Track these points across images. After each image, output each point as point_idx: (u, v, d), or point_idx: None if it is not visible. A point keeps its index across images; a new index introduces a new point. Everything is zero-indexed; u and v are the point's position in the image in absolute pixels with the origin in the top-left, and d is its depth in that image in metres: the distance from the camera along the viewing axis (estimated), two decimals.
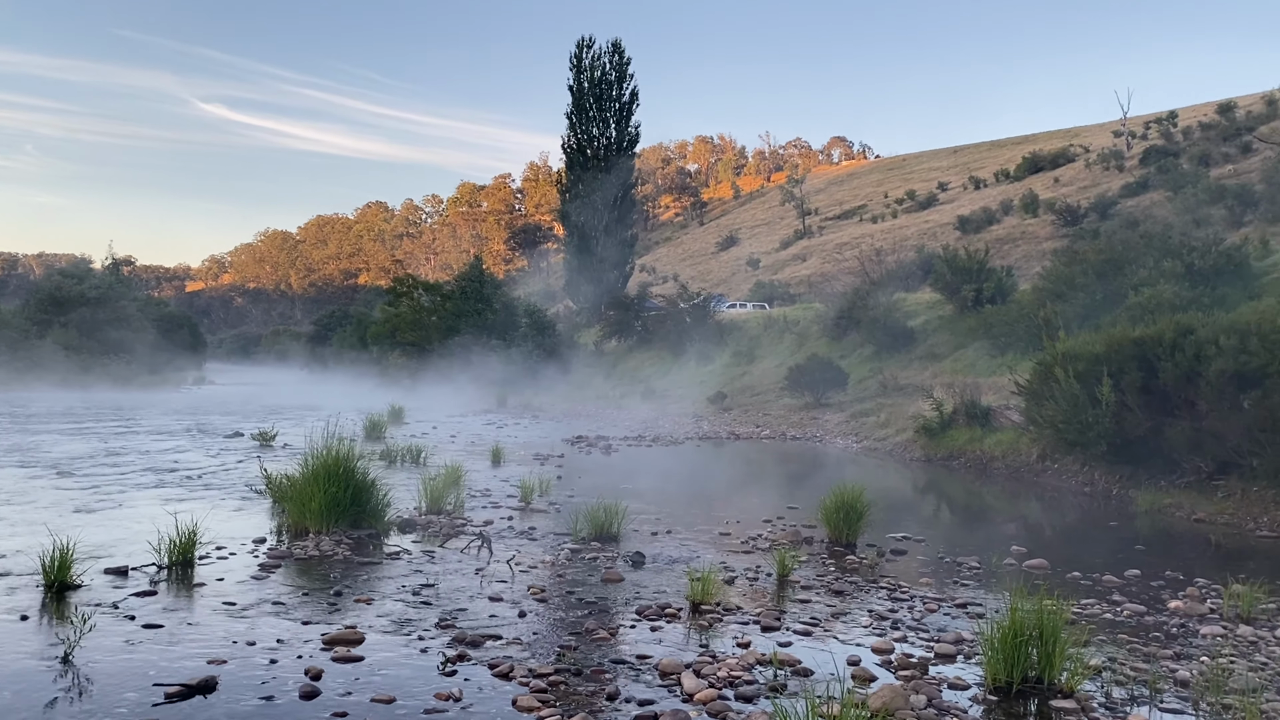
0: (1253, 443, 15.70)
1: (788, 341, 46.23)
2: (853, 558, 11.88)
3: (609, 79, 70.42)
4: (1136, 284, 27.72)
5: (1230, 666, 7.46)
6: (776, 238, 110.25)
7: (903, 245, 69.22)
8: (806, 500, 16.02)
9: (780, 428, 32.37)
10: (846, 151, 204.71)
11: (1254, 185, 53.08)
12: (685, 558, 11.51)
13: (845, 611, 9.21)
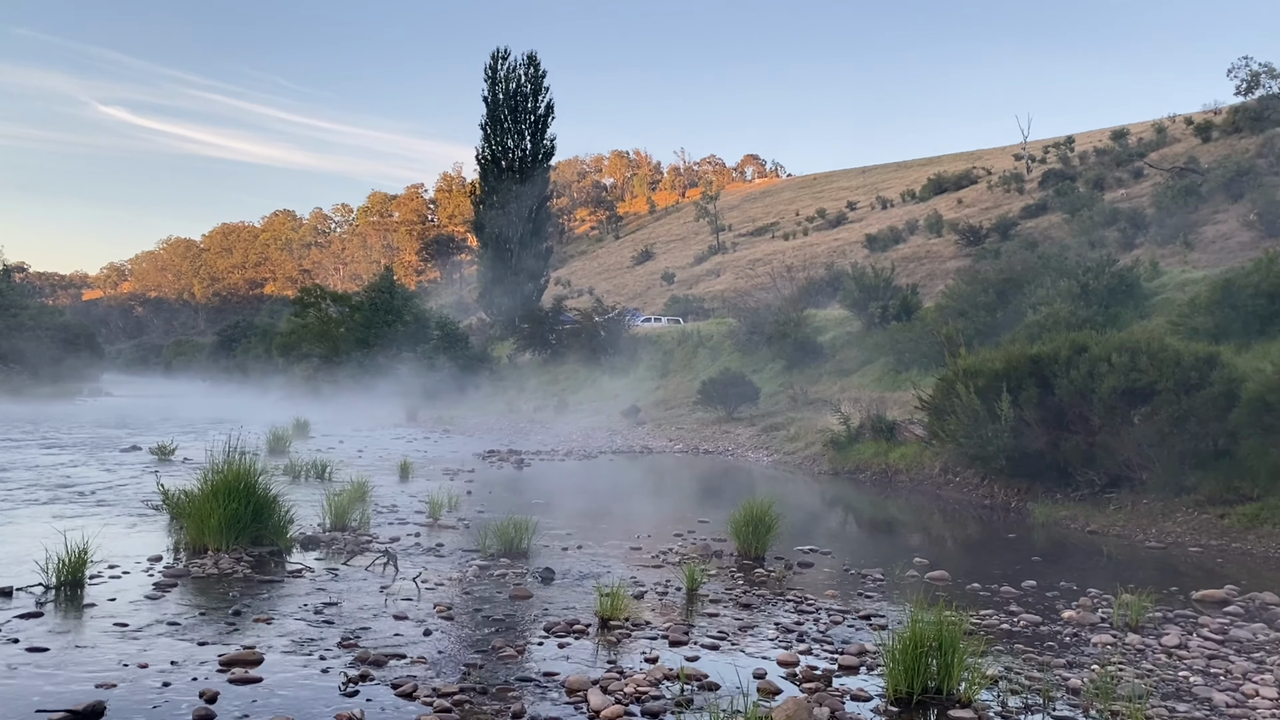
0: (1142, 457, 16.36)
1: (702, 356, 46.61)
2: (761, 571, 12.00)
3: (524, 91, 70.26)
4: (1035, 303, 28.70)
5: (1119, 674, 7.73)
6: (691, 253, 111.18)
7: (813, 262, 70.45)
8: (717, 514, 16.13)
9: (694, 441, 32.58)
10: (760, 169, 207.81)
11: (1145, 209, 55.47)
12: (595, 573, 11.48)
13: (753, 625, 9.29)
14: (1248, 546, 14.11)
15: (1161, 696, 7.27)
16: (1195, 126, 72.96)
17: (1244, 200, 49.70)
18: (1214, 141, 67.23)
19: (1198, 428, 15.74)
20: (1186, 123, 77.54)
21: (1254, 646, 8.84)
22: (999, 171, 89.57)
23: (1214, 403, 15.66)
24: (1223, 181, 53.32)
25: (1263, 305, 22.92)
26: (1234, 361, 17.52)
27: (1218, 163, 57.77)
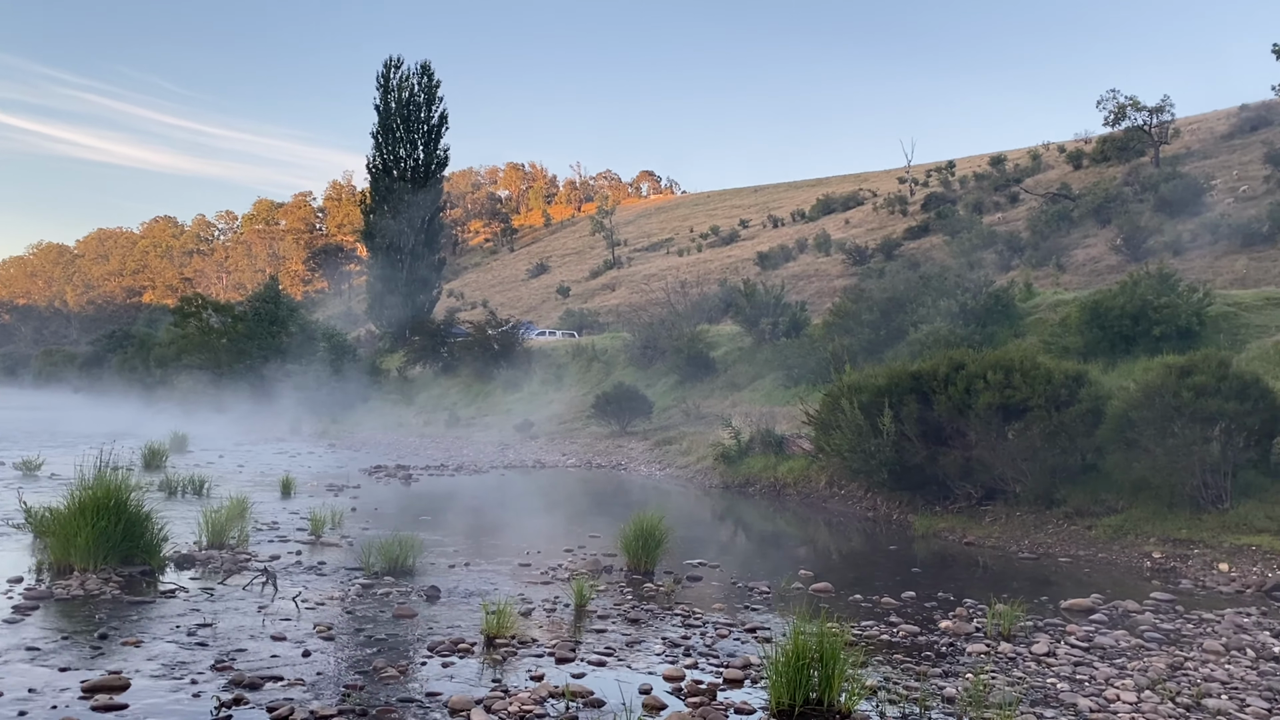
0: (1015, 470, 17.01)
1: (595, 370, 46.62)
2: (650, 585, 12.04)
3: (418, 100, 69.41)
4: (916, 321, 29.62)
5: (991, 682, 8.01)
6: (586, 267, 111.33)
7: (707, 278, 71.33)
8: (608, 529, 16.12)
9: (587, 455, 32.53)
10: (655, 186, 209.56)
11: (1020, 232, 57.92)
12: (483, 590, 11.34)
13: (640, 640, 9.31)
14: (1112, 556, 14.80)
15: (1031, 703, 7.56)
16: (1068, 154, 76.58)
17: (1111, 226, 52.36)
18: (1084, 169, 70.67)
19: (1067, 443, 16.46)
20: (1060, 151, 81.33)
21: (1116, 653, 9.26)
22: (884, 194, 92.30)
23: (1082, 419, 16.40)
24: (1092, 207, 56.08)
25: (1127, 326, 24.18)
26: (1101, 379, 18.42)
27: (1088, 189, 60.74)
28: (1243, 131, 65.46)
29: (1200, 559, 13.92)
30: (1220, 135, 67.33)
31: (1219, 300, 26.37)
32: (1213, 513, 14.81)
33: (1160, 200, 52.22)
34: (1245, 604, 11.74)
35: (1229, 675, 8.50)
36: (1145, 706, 7.52)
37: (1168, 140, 65.74)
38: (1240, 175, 55.29)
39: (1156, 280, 25.60)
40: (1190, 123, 73.64)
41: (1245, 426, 14.77)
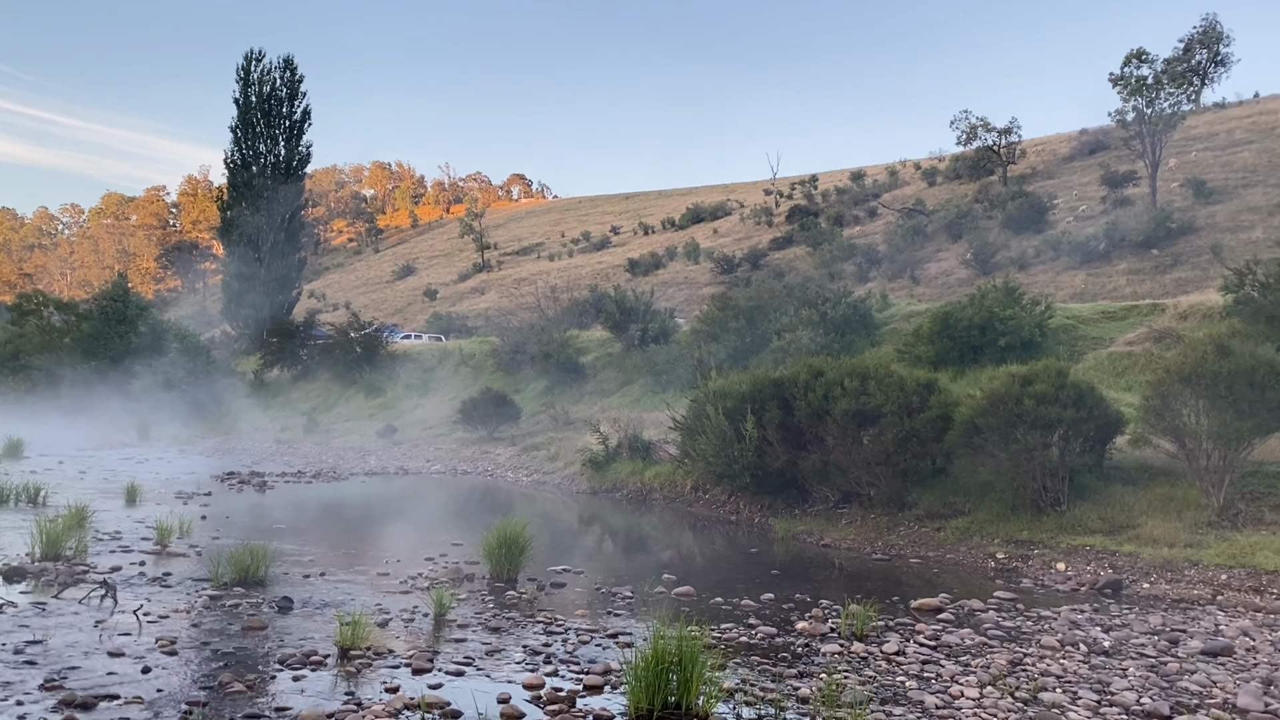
0: (870, 474, 17.59)
1: (463, 374, 45.99)
2: (513, 593, 11.92)
3: (279, 95, 67.17)
4: (780, 329, 30.32)
5: (844, 682, 8.23)
6: (455, 270, 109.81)
7: (577, 284, 71.35)
8: (472, 536, 15.91)
9: (452, 462, 32.05)
10: (526, 189, 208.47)
11: (878, 245, 60.03)
12: (338, 600, 11.02)
13: (500, 648, 9.20)
14: (959, 557, 15.44)
15: (881, 701, 7.80)
16: (923, 172, 79.82)
17: (962, 241, 54.79)
18: (938, 186, 73.76)
19: (918, 448, 17.11)
20: (916, 168, 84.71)
21: (962, 650, 9.65)
22: (751, 205, 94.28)
23: (932, 425, 17.08)
24: (945, 223, 58.58)
25: (975, 336, 25.32)
26: (950, 387, 19.21)
27: (941, 206, 63.44)
28: (1082, 154, 69.53)
29: (1040, 559, 14.66)
30: (1062, 157, 71.34)
31: (1059, 313, 27.90)
32: (1052, 515, 15.63)
33: (1008, 217, 54.93)
34: (1080, 601, 12.41)
35: (1063, 669, 8.97)
36: (987, 702, 7.86)
37: (1015, 160, 69.25)
38: (1080, 196, 58.71)
39: (1002, 293, 26.90)
40: (1035, 144, 77.76)
41: (1081, 433, 15.66)
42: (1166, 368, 15.44)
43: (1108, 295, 39.67)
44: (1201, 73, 70.61)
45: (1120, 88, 49.74)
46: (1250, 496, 14.87)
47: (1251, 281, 22.15)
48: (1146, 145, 50.27)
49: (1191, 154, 57.85)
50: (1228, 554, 13.39)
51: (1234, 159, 55.27)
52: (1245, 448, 14.60)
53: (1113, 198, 54.35)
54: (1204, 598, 12.50)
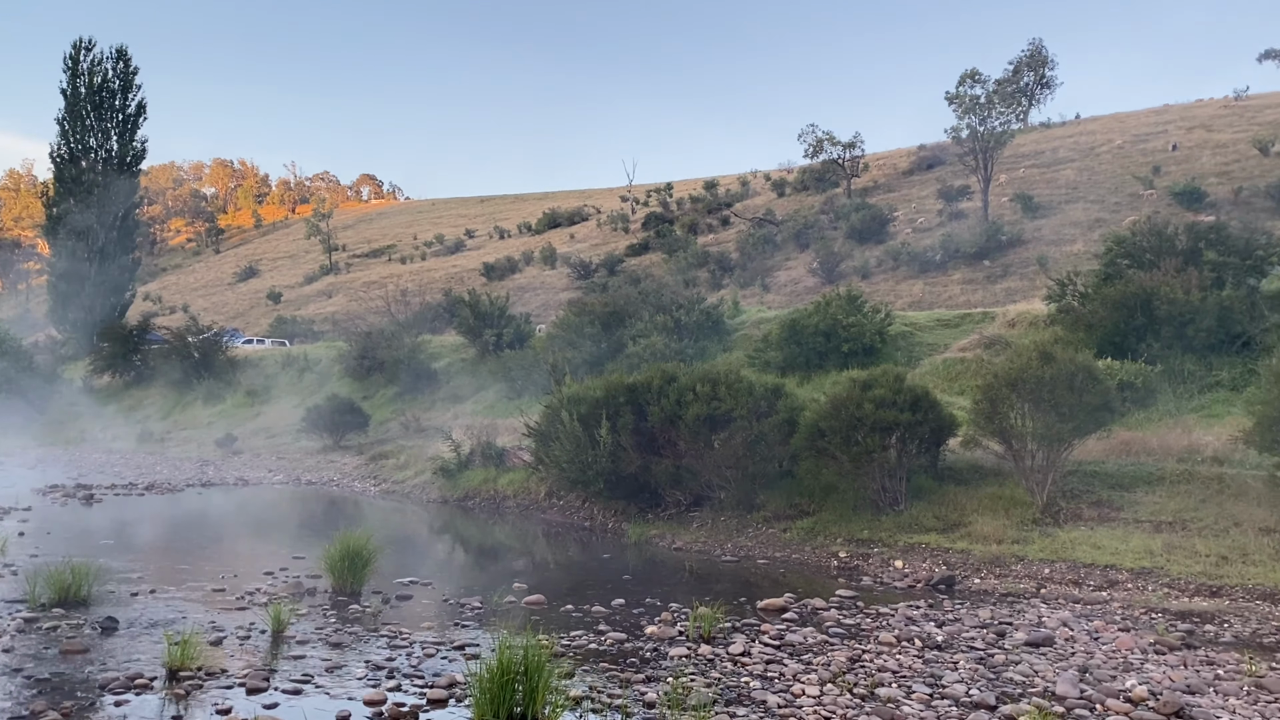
0: (721, 478, 17.89)
1: (308, 381, 44.50)
2: (356, 607, 11.56)
3: (111, 87, 63.48)
4: (635, 335, 30.54)
5: (690, 684, 8.31)
6: (301, 272, 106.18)
7: (430, 287, 70.08)
8: (315, 549, 15.36)
9: (296, 471, 30.94)
10: (376, 190, 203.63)
11: (731, 253, 61.26)
12: (168, 619, 10.44)
13: (342, 664, 8.90)
14: (805, 557, 15.87)
15: (726, 703, 7.90)
16: (773, 183, 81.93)
17: (809, 250, 56.51)
18: (787, 197, 75.85)
19: (767, 451, 17.51)
20: (766, 179, 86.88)
21: (804, 649, 9.90)
22: (608, 211, 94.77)
23: (779, 429, 17.51)
24: (793, 233, 60.31)
25: (820, 342, 26.13)
26: (796, 392, 19.77)
27: (790, 216, 65.28)
28: (921, 169, 72.78)
29: (879, 557, 15.21)
30: (902, 171, 74.50)
31: (898, 321, 29.09)
32: (890, 514, 16.25)
33: (851, 228, 56.97)
34: (916, 597, 12.93)
35: (899, 665, 9.31)
36: (826, 699, 8.08)
37: (858, 174, 71.90)
38: (918, 208, 61.43)
39: (846, 302, 27.85)
40: (877, 159, 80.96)
41: (918, 435, 16.35)
42: (995, 373, 16.27)
43: (944, 304, 41.62)
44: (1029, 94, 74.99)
45: (955, 106, 52.31)
46: (1070, 494, 15.81)
47: (1072, 291, 23.60)
48: (979, 161, 52.99)
49: (1020, 170, 61.33)
50: (1050, 549, 14.20)
51: (1058, 176, 58.89)
52: (1066, 448, 15.52)
53: (948, 211, 57.06)
54: (1029, 591, 13.21)
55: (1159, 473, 15.89)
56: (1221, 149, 56.10)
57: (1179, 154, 57.10)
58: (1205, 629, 11.18)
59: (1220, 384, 19.70)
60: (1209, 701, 8.39)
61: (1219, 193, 47.64)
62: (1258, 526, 13.64)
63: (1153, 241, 23.58)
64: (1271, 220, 36.89)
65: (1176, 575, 12.90)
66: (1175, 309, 20.33)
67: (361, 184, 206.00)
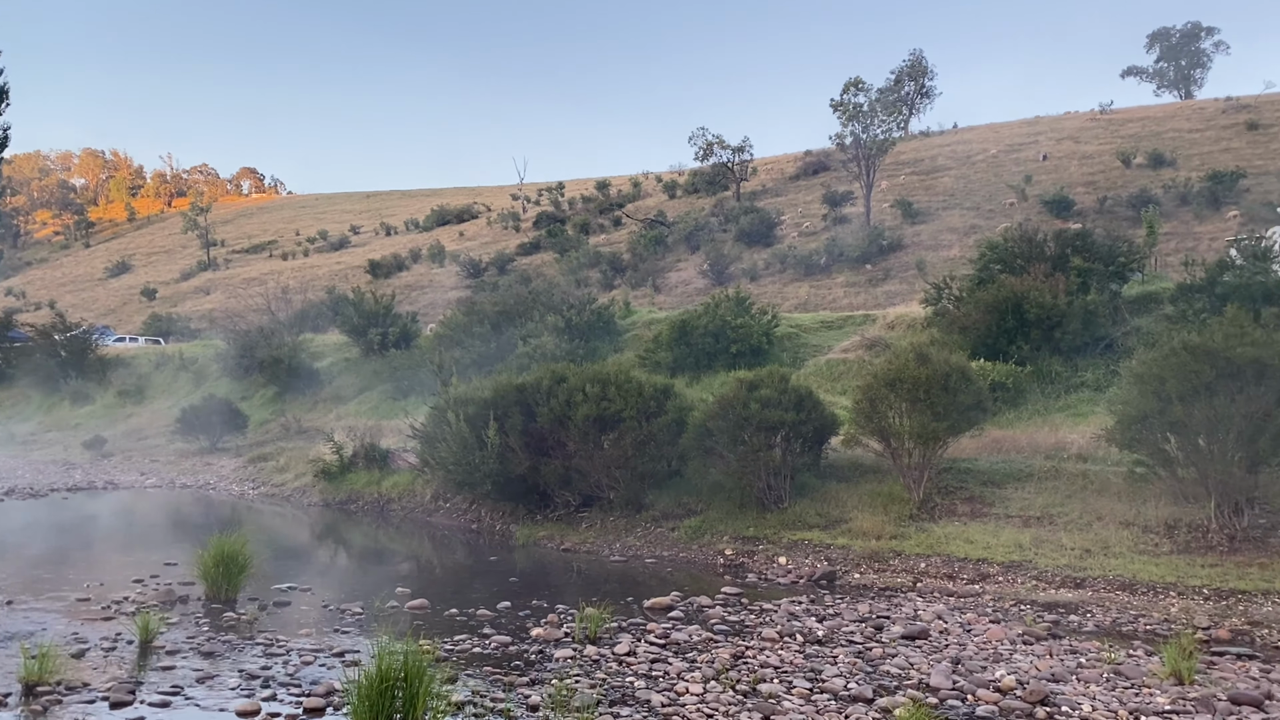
0: (610, 478, 17.91)
1: (184, 381, 42.84)
2: (232, 614, 11.18)
3: None
4: (525, 335, 30.34)
5: (575, 686, 8.29)
6: (177, 268, 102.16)
7: (314, 285, 68.27)
8: (188, 555, 14.79)
9: (170, 475, 29.75)
10: (257, 184, 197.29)
11: (623, 254, 61.43)
12: (26, 631, 9.90)
13: (214, 675, 8.59)
14: (692, 555, 16.02)
15: (610, 703, 7.91)
16: (664, 184, 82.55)
17: (700, 252, 57.10)
18: (678, 199, 76.52)
19: (655, 451, 17.63)
20: (658, 180, 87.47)
21: (689, 647, 9.99)
22: (499, 209, 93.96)
23: (668, 429, 17.65)
24: (684, 234, 60.83)
25: (710, 343, 26.43)
26: (686, 392, 19.94)
27: (681, 218, 65.84)
28: (806, 174, 74.30)
29: (764, 554, 15.46)
30: (789, 176, 75.94)
31: (785, 322, 29.64)
32: (775, 511, 16.54)
33: (740, 231, 57.79)
34: (799, 593, 13.18)
35: (781, 660, 9.47)
36: (709, 697, 8.17)
37: (747, 178, 73.00)
38: (804, 213, 62.72)
39: (734, 303, 28.23)
40: (766, 163, 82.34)
41: (801, 434, 16.69)
42: (874, 373, 16.75)
43: (828, 306, 42.60)
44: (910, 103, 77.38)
45: (839, 114, 53.57)
46: (945, 491, 16.37)
47: (948, 295, 24.43)
48: (862, 168, 54.40)
49: (901, 177, 63.23)
50: (926, 544, 14.68)
51: (936, 183, 60.92)
52: (941, 446, 16.06)
53: (833, 216, 58.40)
54: (906, 585, 13.62)
55: (1028, 469, 16.58)
56: (1088, 160, 58.91)
57: (1049, 164, 59.71)
58: (1070, 619, 11.71)
59: (1085, 384, 20.66)
60: (1071, 689, 8.78)
61: (1085, 201, 49.99)
62: (1118, 520, 14.37)
63: (1023, 248, 24.59)
64: (1133, 228, 38.88)
65: (1044, 568, 13.48)
66: (1044, 312, 21.24)
67: (242, 177, 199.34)
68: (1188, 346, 13.74)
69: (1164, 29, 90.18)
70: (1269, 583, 12.21)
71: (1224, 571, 12.70)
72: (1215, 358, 13.26)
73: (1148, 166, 53.69)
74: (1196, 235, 42.20)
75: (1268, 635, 10.91)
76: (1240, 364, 13.09)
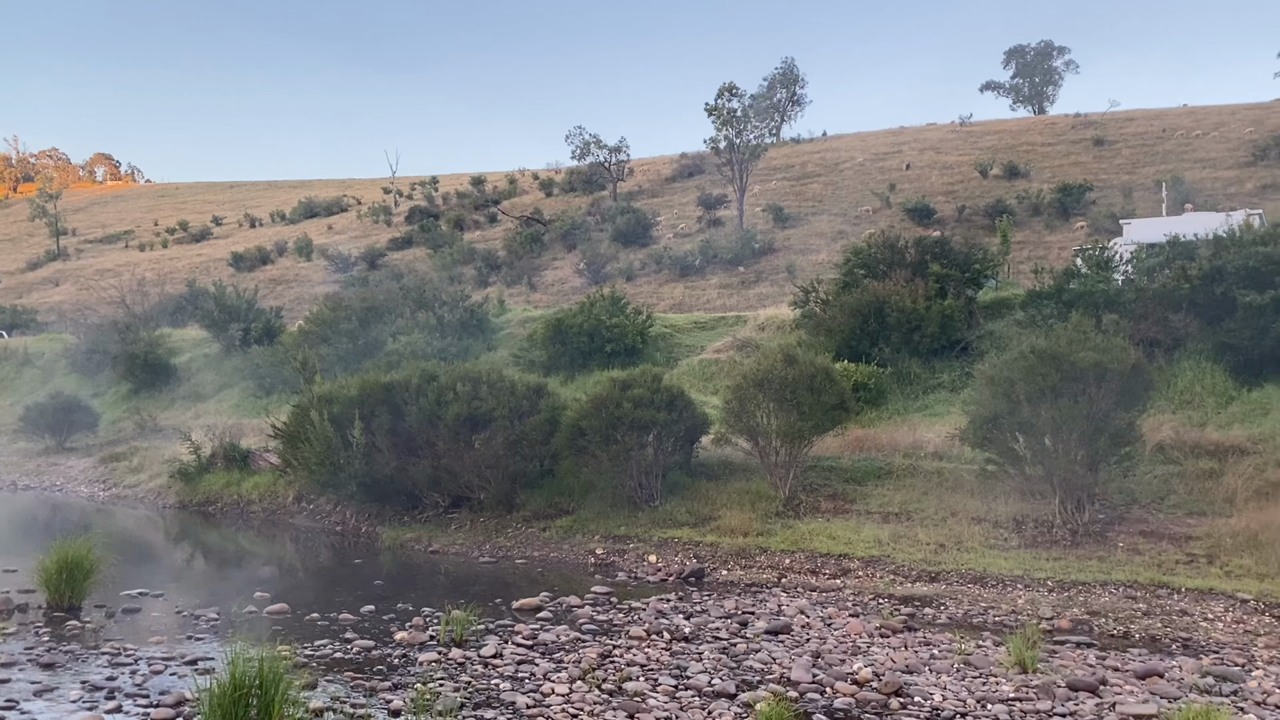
0: (481, 478, 17.74)
1: (29, 376, 40.43)
2: (75, 623, 10.62)
3: None
4: (394, 332, 29.75)
5: (439, 690, 8.18)
6: (23, 257, 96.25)
7: (172, 278, 65.41)
8: (28, 561, 13.94)
9: (11, 476, 28.09)
10: (113, 171, 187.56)
11: (498, 251, 60.89)
12: None
13: (54, 687, 8.15)
14: (563, 555, 16.01)
15: (474, 706, 7.85)
16: (541, 182, 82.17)
17: (577, 251, 57.10)
18: (555, 197, 76.30)
19: (528, 450, 17.55)
20: (534, 178, 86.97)
21: (557, 647, 9.98)
22: (369, 202, 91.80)
23: (541, 428, 17.59)
24: (561, 233, 60.72)
25: (585, 342, 26.43)
26: (560, 391, 19.93)
27: (557, 216, 65.71)
28: (682, 176, 75.08)
29: (635, 552, 15.58)
30: (665, 178, 76.60)
31: (659, 323, 29.92)
32: (646, 510, 16.68)
33: (617, 231, 57.98)
34: (668, 591, 13.33)
35: (648, 658, 9.57)
36: (575, 696, 8.18)
37: (624, 178, 73.31)
38: (679, 215, 63.37)
39: (609, 303, 28.31)
40: (642, 164, 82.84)
41: (673, 433, 16.89)
42: (744, 374, 17.07)
43: (702, 307, 43.15)
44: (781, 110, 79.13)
45: (714, 118, 54.35)
46: (810, 488, 16.81)
47: (815, 298, 25.07)
48: (735, 172, 55.30)
49: (772, 183, 64.58)
50: (791, 540, 15.05)
51: (806, 189, 62.47)
52: (806, 445, 16.48)
53: (707, 218, 59.20)
54: (771, 581, 13.93)
55: (888, 467, 17.17)
56: (948, 170, 61.36)
57: (912, 173, 61.95)
58: (925, 612, 12.19)
59: (942, 385, 21.51)
60: (924, 680, 9.15)
61: (945, 210, 52.04)
62: (971, 516, 15.02)
63: (886, 254, 25.42)
64: (989, 236, 40.66)
65: (902, 562, 13.99)
66: (904, 316, 22.02)
67: (96, 164, 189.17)
68: (1035, 351, 14.47)
69: (1019, 46, 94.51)
70: (1107, 574, 12.97)
71: (1067, 564, 13.42)
72: (1060, 362, 14.00)
73: (1003, 178, 56.25)
74: (1047, 244, 44.45)
75: (1104, 624, 11.59)
76: (1082, 368, 13.86)
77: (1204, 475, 14.98)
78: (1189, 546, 13.47)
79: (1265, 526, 13.20)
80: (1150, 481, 15.04)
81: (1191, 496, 14.69)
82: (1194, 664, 9.77)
